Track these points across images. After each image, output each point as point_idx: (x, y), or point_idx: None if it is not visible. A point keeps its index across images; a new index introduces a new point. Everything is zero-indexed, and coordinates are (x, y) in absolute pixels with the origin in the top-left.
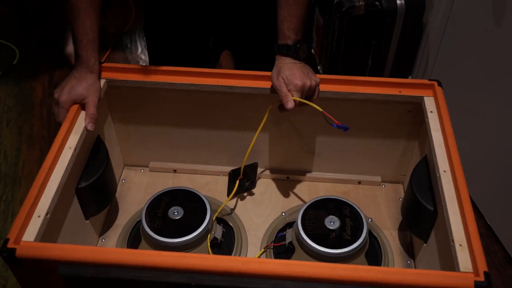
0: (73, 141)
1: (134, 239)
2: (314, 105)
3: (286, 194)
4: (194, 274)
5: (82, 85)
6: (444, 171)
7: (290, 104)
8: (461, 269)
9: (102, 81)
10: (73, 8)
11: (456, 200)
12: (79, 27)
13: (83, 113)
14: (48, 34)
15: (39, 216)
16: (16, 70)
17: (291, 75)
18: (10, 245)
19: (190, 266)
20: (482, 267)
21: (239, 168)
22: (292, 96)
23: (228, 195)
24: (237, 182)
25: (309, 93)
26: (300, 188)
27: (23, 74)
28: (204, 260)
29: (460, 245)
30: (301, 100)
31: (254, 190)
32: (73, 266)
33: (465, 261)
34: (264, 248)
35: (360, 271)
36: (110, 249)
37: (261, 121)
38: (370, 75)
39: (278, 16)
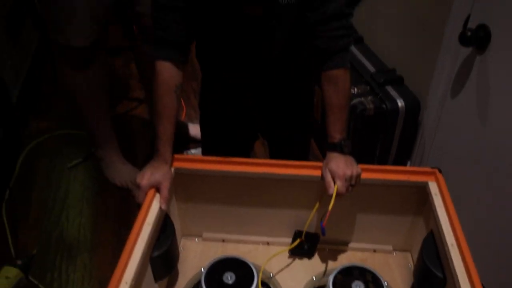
0: (150, 218)
1: None
2: (332, 203)
3: (315, 260)
4: None
5: (159, 173)
6: (452, 244)
7: (330, 190)
8: None
9: (172, 169)
10: (159, 114)
11: (464, 270)
12: (160, 128)
13: (157, 195)
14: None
15: (126, 283)
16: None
17: (336, 167)
18: None
19: None
20: None
21: (302, 231)
22: (335, 184)
23: (290, 250)
24: (298, 241)
25: (351, 181)
26: (326, 255)
27: None
28: None
29: None
30: (333, 192)
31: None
32: None
33: None
34: None
35: None
36: None
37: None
38: (378, 161)
39: (326, 119)
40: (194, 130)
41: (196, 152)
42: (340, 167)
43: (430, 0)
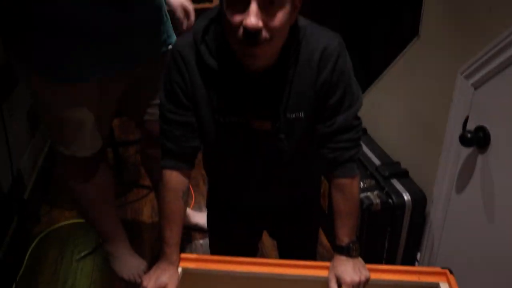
0: None
1: None
2: None
3: None
4: None
5: (165, 275)
6: None
7: None
8: None
9: (179, 269)
10: (166, 219)
11: None
12: (167, 232)
13: None
14: None
15: None
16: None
17: (343, 272)
18: None
19: None
20: None
21: None
22: None
23: None
24: None
25: (360, 286)
26: None
27: None
28: None
29: None
30: None
31: None
32: None
33: None
34: None
35: None
36: None
37: None
38: (387, 254)
39: (334, 223)
40: (203, 219)
41: (203, 242)
42: (348, 273)
43: (430, 101)
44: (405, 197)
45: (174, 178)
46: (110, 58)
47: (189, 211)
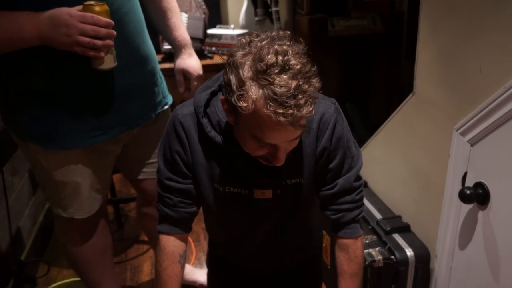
0: None
1: None
2: None
3: None
4: None
5: None
6: None
7: None
8: None
9: None
10: (164, 284)
11: None
12: None
13: None
14: None
15: None
16: None
17: None
18: None
19: None
20: None
21: None
22: None
23: None
24: None
25: None
26: None
27: None
28: None
29: None
30: None
31: None
32: None
33: None
34: None
35: None
36: None
37: None
38: None
39: (338, 284)
40: (203, 276)
41: None
42: None
43: (428, 156)
44: (408, 253)
45: (171, 243)
46: (105, 124)
47: (189, 267)
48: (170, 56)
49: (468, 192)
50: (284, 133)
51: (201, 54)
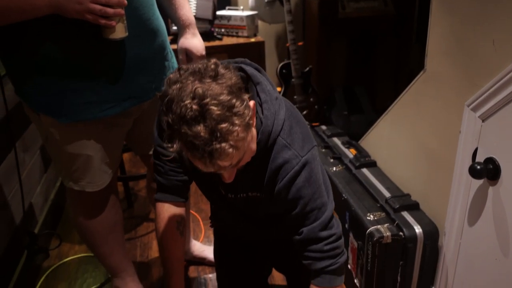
0: None
1: None
2: None
3: None
4: None
5: None
6: None
7: None
8: None
9: None
10: (164, 250)
11: None
12: (168, 264)
13: None
14: None
15: None
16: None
17: None
18: None
19: None
20: None
21: None
22: None
23: None
24: None
25: None
26: None
27: None
28: None
29: None
30: None
31: None
32: None
33: None
34: None
35: None
36: None
37: None
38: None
39: None
40: (212, 253)
41: (212, 276)
42: None
43: (438, 133)
44: (417, 230)
45: (166, 210)
46: (116, 96)
47: (198, 244)
48: None
49: (478, 167)
50: (209, 169)
51: (210, 36)
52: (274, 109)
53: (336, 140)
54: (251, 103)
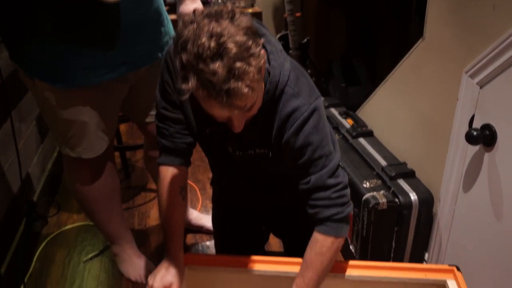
0: None
1: None
2: None
3: None
4: None
5: (170, 274)
6: None
7: None
8: None
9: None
10: (167, 216)
11: None
12: (169, 229)
13: None
14: None
15: None
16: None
17: None
18: None
19: None
20: None
21: None
22: None
23: None
24: None
25: None
26: None
27: None
28: None
29: None
30: None
31: None
32: None
33: None
34: None
35: None
36: None
37: None
38: (394, 255)
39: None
40: (209, 221)
41: (210, 244)
42: None
43: (435, 101)
44: (412, 197)
45: (170, 173)
46: (112, 61)
47: (195, 213)
48: (175, 8)
49: (475, 133)
50: (223, 112)
51: (207, 5)
52: (280, 60)
53: (333, 110)
54: (262, 51)
